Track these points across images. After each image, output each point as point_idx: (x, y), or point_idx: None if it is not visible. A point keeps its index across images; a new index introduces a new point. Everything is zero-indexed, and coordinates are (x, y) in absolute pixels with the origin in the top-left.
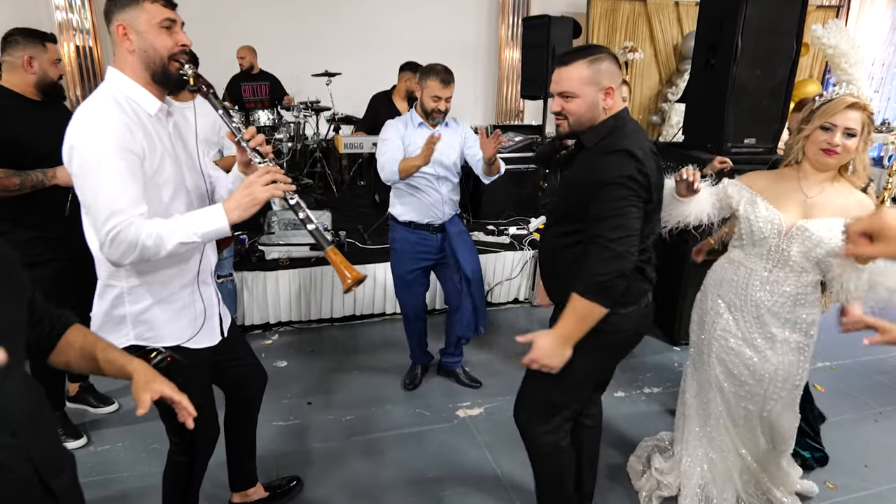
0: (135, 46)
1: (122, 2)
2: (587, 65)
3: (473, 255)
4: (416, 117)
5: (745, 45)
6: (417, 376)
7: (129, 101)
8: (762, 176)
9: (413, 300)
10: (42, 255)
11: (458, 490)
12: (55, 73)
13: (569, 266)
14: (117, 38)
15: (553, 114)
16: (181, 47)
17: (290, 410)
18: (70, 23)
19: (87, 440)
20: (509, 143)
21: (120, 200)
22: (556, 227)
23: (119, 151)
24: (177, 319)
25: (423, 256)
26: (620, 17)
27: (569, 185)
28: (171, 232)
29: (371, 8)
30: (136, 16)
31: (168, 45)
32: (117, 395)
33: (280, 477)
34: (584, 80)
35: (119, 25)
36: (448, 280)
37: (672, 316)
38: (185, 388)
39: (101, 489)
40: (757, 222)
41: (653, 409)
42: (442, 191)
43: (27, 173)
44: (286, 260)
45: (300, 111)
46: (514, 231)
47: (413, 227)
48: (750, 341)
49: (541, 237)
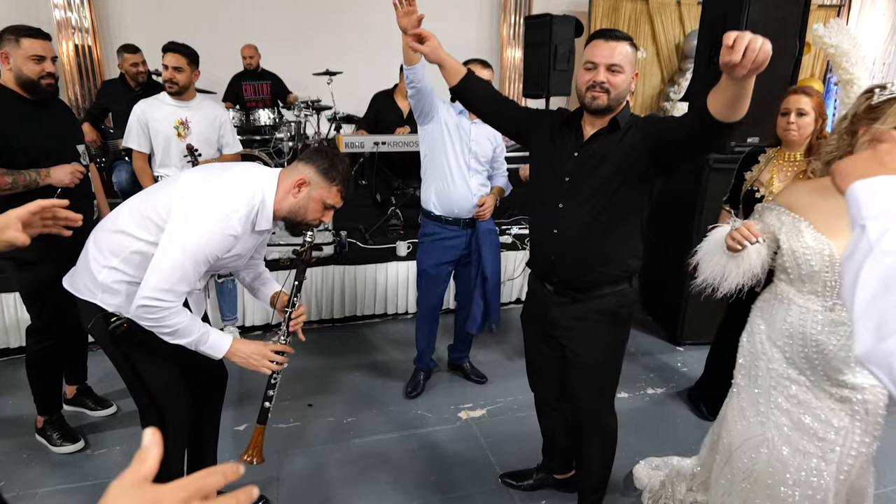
0: (298, 198)
1: None
2: (629, 45)
3: (496, 256)
4: (457, 105)
5: None
6: (420, 383)
7: (255, 216)
8: (803, 190)
9: (434, 297)
10: (39, 257)
11: (461, 492)
12: (31, 69)
13: (602, 238)
14: (293, 182)
15: (589, 87)
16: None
17: (290, 413)
18: (69, 21)
19: (84, 444)
20: (509, 143)
21: (179, 288)
22: (586, 205)
23: (217, 255)
24: None
25: (450, 252)
26: (622, 15)
27: (616, 154)
28: (188, 333)
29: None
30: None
31: (316, 217)
32: (115, 398)
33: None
34: (628, 59)
35: None
36: (465, 277)
37: (674, 316)
38: (144, 359)
39: (98, 493)
40: (804, 254)
41: (656, 409)
42: (472, 184)
43: (20, 172)
44: (286, 260)
45: (301, 110)
46: (516, 231)
47: (444, 222)
48: (819, 391)
49: (558, 222)
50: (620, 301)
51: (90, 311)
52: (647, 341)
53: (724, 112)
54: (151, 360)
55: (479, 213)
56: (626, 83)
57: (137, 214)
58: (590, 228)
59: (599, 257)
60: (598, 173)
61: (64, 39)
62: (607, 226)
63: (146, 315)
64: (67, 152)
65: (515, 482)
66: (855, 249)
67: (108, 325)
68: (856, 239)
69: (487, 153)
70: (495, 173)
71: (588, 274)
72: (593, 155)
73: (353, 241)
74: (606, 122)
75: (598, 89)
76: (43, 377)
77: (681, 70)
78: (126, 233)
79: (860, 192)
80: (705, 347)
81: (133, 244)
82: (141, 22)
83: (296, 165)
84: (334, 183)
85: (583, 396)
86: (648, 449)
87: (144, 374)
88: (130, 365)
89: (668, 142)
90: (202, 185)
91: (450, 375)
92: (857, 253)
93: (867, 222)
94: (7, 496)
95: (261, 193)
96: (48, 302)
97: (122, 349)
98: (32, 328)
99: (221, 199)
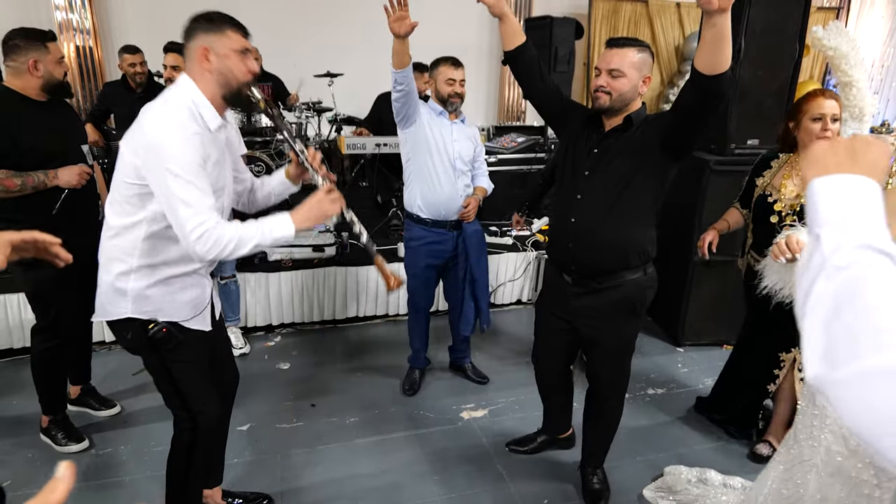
0: (213, 67)
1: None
2: (637, 52)
3: (484, 256)
4: (436, 106)
5: (748, 47)
6: (416, 381)
7: (199, 113)
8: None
9: (424, 299)
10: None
11: (463, 492)
12: (60, 71)
13: (618, 227)
14: (196, 56)
15: (595, 90)
16: (251, 74)
17: (293, 412)
18: (70, 23)
19: (89, 443)
20: (512, 144)
21: (202, 204)
22: (602, 196)
23: (200, 159)
24: (177, 298)
25: (438, 255)
26: (622, 17)
27: (630, 150)
28: (250, 237)
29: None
30: (217, 40)
31: (242, 71)
32: (119, 399)
33: (251, 492)
34: (632, 64)
35: (201, 47)
36: (452, 279)
37: (675, 317)
38: (182, 363)
39: (104, 493)
40: None
41: (656, 409)
42: (458, 185)
43: (28, 174)
44: (289, 261)
45: (302, 112)
46: (516, 233)
47: (430, 224)
48: None
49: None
50: (637, 289)
51: (125, 326)
52: (647, 342)
53: (709, 63)
54: (187, 363)
55: (464, 214)
56: (630, 86)
57: (118, 208)
58: (606, 217)
59: (614, 245)
60: (614, 167)
61: (65, 41)
62: (622, 215)
63: (205, 247)
64: (73, 153)
65: (520, 447)
66: (809, 262)
67: (147, 333)
68: (811, 249)
69: (469, 153)
70: (476, 173)
71: (604, 262)
72: (609, 150)
73: (354, 242)
74: (621, 119)
75: (600, 92)
76: (48, 377)
77: (680, 72)
78: (123, 228)
79: (819, 192)
80: (705, 348)
81: (137, 232)
82: (142, 23)
83: (187, 47)
84: (224, 28)
85: (603, 375)
86: (647, 449)
87: (180, 380)
88: (167, 371)
89: (676, 120)
90: (140, 128)
91: (451, 376)
92: (811, 267)
93: (822, 231)
94: (12, 495)
95: (185, 93)
96: (54, 301)
97: (161, 354)
98: (37, 328)
99: (163, 119)
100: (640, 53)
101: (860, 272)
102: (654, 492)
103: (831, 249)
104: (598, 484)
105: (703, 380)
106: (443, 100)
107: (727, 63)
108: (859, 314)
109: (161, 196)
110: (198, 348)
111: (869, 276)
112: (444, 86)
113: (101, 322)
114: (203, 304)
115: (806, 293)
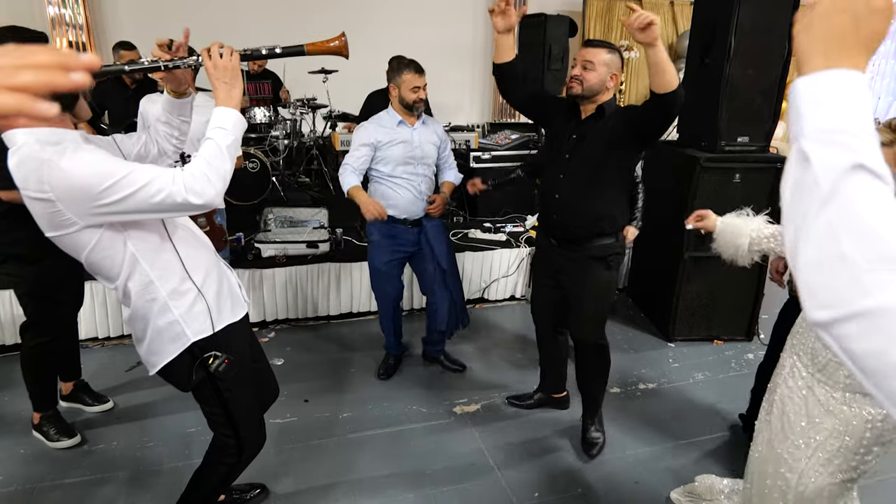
0: None
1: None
2: (607, 52)
3: (448, 245)
4: (395, 115)
5: (738, 45)
6: (391, 366)
7: (64, 140)
8: None
9: (391, 291)
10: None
11: (456, 486)
12: None
13: (594, 201)
14: None
15: (569, 79)
16: None
17: (286, 408)
18: (63, 18)
19: (80, 439)
20: (506, 141)
21: (149, 174)
22: (580, 175)
23: (104, 163)
24: (219, 293)
25: (399, 249)
26: (616, 16)
27: (602, 136)
28: (213, 148)
29: (367, 7)
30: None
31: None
32: (111, 394)
33: (246, 483)
34: (603, 61)
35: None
36: (424, 270)
37: (666, 313)
38: (234, 389)
39: (96, 488)
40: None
41: (647, 403)
42: (421, 188)
43: None
44: (282, 257)
45: (296, 108)
46: (510, 228)
47: (391, 221)
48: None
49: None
50: (609, 250)
51: (182, 363)
52: (639, 338)
53: (658, 84)
54: (240, 390)
55: (431, 209)
56: (598, 79)
57: (105, 272)
58: (583, 193)
59: (590, 214)
60: (590, 151)
61: (58, 36)
62: (597, 190)
63: (197, 187)
64: None
65: (519, 402)
66: (798, 186)
67: (209, 368)
68: (796, 169)
69: (433, 153)
70: (444, 166)
71: (581, 229)
72: (586, 135)
73: (348, 238)
74: (594, 108)
75: (574, 81)
76: (38, 373)
77: None
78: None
79: (803, 93)
80: (696, 343)
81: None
82: (135, 19)
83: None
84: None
85: (581, 323)
86: (639, 443)
87: (233, 407)
88: (222, 399)
89: (640, 117)
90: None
91: (441, 371)
92: (803, 196)
93: (808, 148)
94: (5, 491)
95: (46, 133)
96: (50, 296)
97: (218, 385)
98: (27, 324)
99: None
100: (610, 54)
101: (857, 196)
102: (682, 496)
103: (822, 172)
104: (595, 432)
105: (694, 374)
106: (408, 106)
107: (674, 83)
108: (862, 245)
109: (123, 213)
110: (248, 374)
111: (867, 201)
112: (409, 93)
113: (91, 317)
114: (233, 282)
115: (797, 226)
